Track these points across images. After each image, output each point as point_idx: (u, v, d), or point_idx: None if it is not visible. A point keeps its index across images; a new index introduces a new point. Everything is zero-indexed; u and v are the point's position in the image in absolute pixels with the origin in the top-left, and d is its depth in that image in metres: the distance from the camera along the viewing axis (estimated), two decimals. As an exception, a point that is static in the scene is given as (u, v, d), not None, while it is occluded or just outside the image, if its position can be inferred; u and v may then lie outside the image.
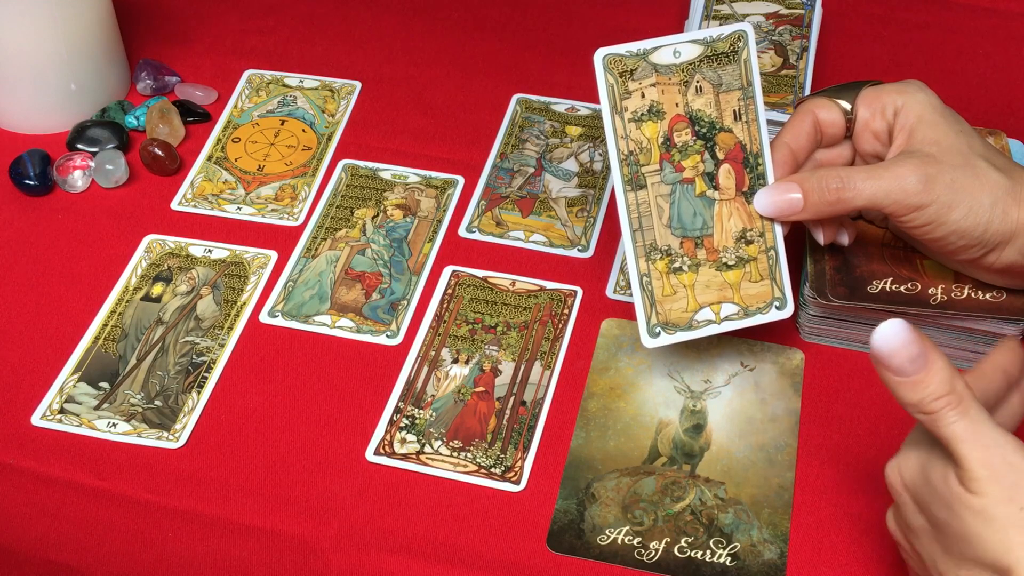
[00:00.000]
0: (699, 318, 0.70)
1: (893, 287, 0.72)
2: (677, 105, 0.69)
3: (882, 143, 0.72)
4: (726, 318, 0.70)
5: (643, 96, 0.69)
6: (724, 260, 0.70)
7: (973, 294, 0.72)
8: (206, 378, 0.75)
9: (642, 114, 0.69)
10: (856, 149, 0.73)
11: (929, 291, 0.72)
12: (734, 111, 0.70)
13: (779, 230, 0.71)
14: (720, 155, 0.70)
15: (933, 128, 0.69)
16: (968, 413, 0.54)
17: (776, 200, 0.70)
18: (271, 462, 0.70)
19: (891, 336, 0.54)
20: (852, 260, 0.74)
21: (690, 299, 0.70)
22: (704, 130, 0.70)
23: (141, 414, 0.73)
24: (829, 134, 0.72)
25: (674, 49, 0.69)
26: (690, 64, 0.69)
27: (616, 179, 0.69)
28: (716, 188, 0.70)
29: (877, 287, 0.72)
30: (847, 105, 0.72)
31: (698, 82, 0.69)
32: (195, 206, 0.86)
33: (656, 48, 0.69)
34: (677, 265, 0.70)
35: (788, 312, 0.71)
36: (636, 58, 0.68)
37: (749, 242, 0.71)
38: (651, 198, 0.69)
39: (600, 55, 0.68)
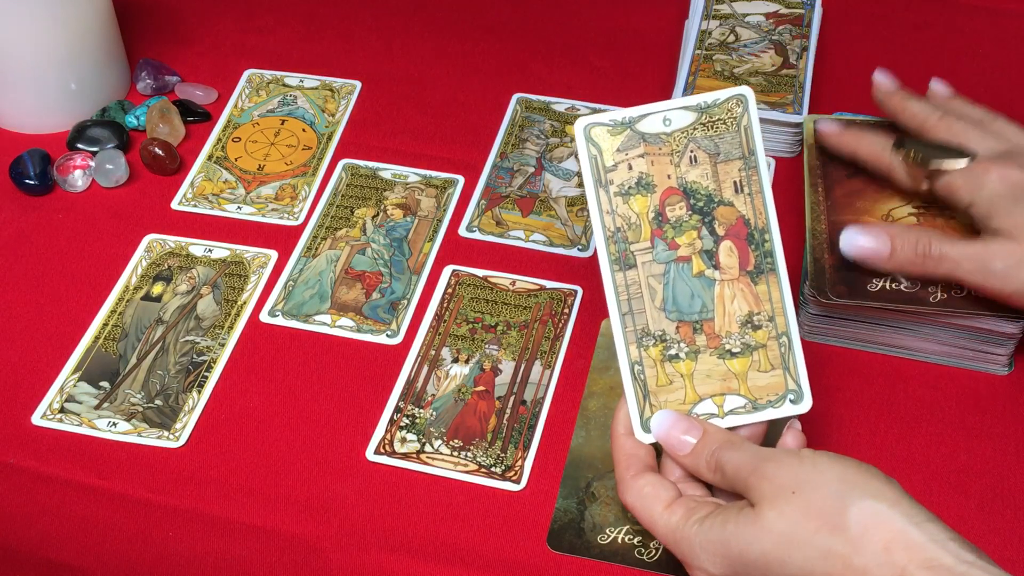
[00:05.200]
0: (699, 411, 0.63)
1: (893, 285, 0.72)
2: (669, 177, 0.63)
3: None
4: (731, 412, 0.64)
5: (630, 168, 0.63)
6: (727, 347, 0.64)
7: (973, 293, 0.72)
8: (206, 377, 0.75)
9: (629, 187, 0.63)
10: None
11: (928, 289, 0.72)
12: (735, 183, 0.64)
13: (792, 314, 0.64)
14: (720, 231, 0.64)
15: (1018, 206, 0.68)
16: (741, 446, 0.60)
17: (867, 245, 0.70)
18: (271, 462, 0.70)
19: (658, 424, 0.62)
20: (852, 259, 0.74)
21: (688, 390, 0.64)
22: (701, 204, 0.64)
23: (141, 413, 0.73)
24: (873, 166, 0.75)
25: (663, 116, 0.63)
26: (682, 132, 0.63)
27: (602, 258, 0.63)
28: (716, 267, 0.64)
29: (877, 285, 0.72)
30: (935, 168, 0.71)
31: (692, 152, 0.63)
32: (195, 206, 0.86)
33: (643, 116, 0.63)
34: (673, 352, 0.63)
35: (806, 407, 0.64)
36: (621, 127, 0.63)
37: (757, 327, 0.64)
38: (642, 278, 0.63)
39: (581, 125, 0.62)
